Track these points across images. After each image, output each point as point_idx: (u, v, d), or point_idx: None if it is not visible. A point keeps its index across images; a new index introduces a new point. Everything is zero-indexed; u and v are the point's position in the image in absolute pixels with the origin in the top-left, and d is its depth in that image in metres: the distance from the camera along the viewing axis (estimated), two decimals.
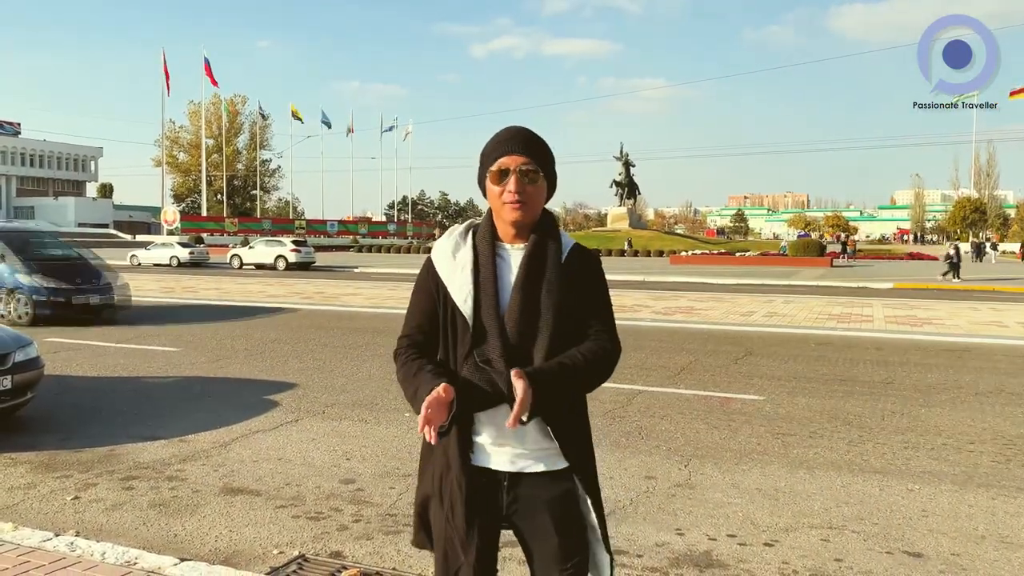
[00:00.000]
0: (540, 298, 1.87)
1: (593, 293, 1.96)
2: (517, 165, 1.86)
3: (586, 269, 1.96)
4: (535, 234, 1.92)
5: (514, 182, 1.85)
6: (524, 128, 1.92)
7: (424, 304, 1.97)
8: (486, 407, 1.86)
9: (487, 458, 1.91)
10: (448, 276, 1.91)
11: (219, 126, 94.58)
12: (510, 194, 1.86)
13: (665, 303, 17.90)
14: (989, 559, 3.86)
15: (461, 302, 1.87)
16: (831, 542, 4.05)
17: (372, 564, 3.72)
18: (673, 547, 3.97)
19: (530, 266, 1.88)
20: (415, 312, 1.99)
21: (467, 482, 1.87)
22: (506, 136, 1.90)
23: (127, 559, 3.58)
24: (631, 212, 71.46)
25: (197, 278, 27.26)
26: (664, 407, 7.14)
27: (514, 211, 1.87)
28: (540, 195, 1.91)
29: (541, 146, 1.91)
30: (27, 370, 6.14)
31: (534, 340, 1.85)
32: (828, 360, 9.89)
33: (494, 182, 1.88)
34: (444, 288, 1.91)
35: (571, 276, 1.93)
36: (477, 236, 1.95)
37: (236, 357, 9.91)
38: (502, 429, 1.86)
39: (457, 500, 1.88)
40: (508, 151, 1.87)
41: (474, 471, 1.89)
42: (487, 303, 1.86)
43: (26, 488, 4.83)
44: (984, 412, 7.05)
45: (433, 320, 1.95)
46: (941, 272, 27.90)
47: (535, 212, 1.91)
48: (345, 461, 5.44)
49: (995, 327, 13.57)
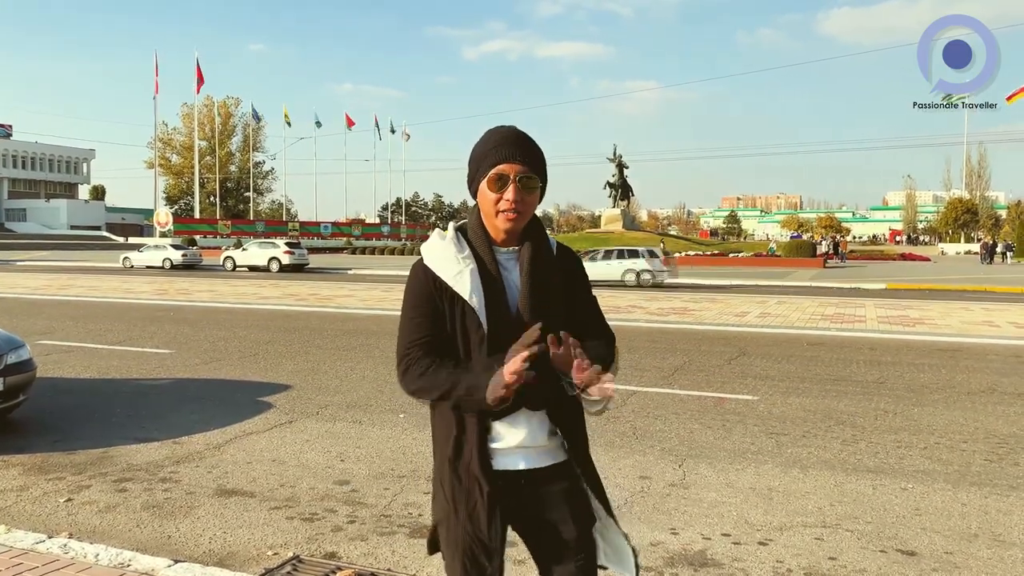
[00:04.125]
0: (549, 296, 1.89)
1: (584, 287, 2.03)
2: (517, 173, 1.82)
3: (574, 265, 2.02)
4: (529, 234, 1.92)
5: (513, 191, 1.82)
6: (519, 131, 1.89)
7: (426, 309, 1.87)
8: (512, 410, 1.86)
9: (503, 461, 1.91)
10: (452, 279, 1.85)
11: (212, 128, 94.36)
12: (507, 203, 1.82)
13: (659, 304, 17.93)
14: (982, 557, 3.87)
15: (476, 305, 1.83)
16: (825, 541, 4.06)
17: (367, 565, 3.71)
18: (668, 546, 3.98)
19: (535, 266, 1.89)
20: (419, 320, 1.87)
21: (491, 489, 1.86)
22: (503, 140, 1.85)
23: (121, 561, 3.56)
24: (625, 214, 71.58)
25: (190, 280, 27.18)
26: (658, 407, 7.15)
27: (509, 220, 1.85)
28: (535, 202, 1.90)
29: (538, 152, 1.88)
30: (19, 372, 6.12)
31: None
32: (821, 360, 9.92)
33: (491, 188, 1.84)
34: (450, 291, 1.85)
35: (565, 273, 1.97)
36: (471, 238, 1.92)
37: (230, 359, 9.88)
38: (517, 432, 1.88)
39: (481, 508, 1.85)
40: (507, 157, 1.83)
41: (496, 476, 1.88)
42: (500, 303, 1.85)
43: (19, 490, 4.81)
44: (976, 411, 7.08)
45: (440, 325, 1.87)
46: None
47: (528, 218, 1.90)
48: (339, 462, 5.43)
49: (987, 327, 13.63)
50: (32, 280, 26.61)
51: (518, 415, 1.88)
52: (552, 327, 1.83)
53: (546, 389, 1.85)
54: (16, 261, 42.38)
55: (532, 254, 1.90)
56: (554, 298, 1.90)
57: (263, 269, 35.03)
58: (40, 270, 34.42)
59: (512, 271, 1.91)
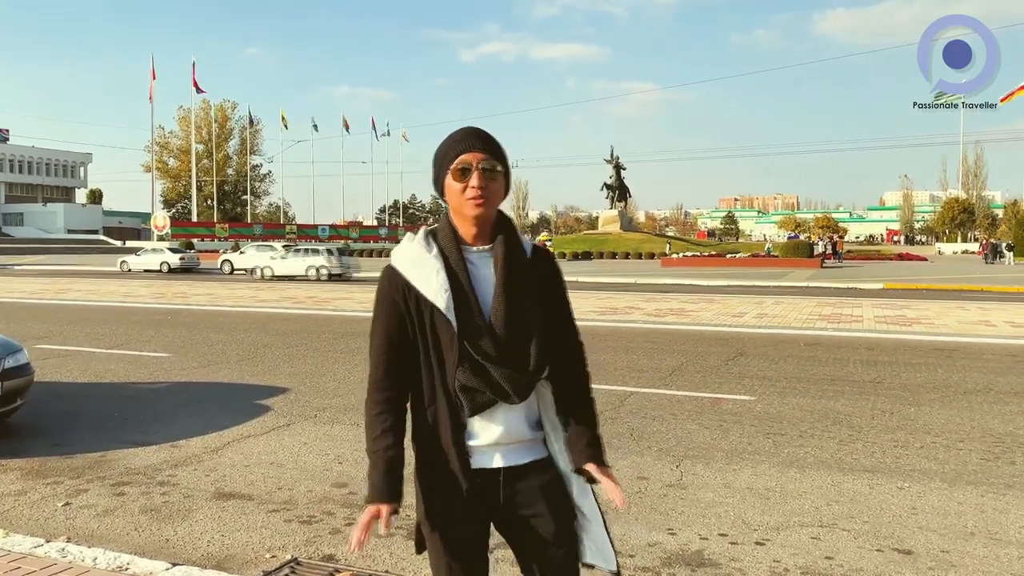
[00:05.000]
0: (523, 295, 1.90)
1: (559, 288, 2.05)
2: (478, 161, 1.87)
3: (549, 266, 2.03)
4: (501, 235, 1.94)
5: (477, 177, 1.86)
6: (477, 127, 1.95)
7: (389, 321, 1.92)
8: (486, 408, 1.88)
9: (482, 459, 1.93)
10: (421, 282, 1.87)
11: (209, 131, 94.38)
12: (473, 189, 1.86)
13: (656, 305, 17.95)
14: (978, 555, 3.89)
15: (443, 305, 1.85)
16: (822, 540, 4.08)
17: (365, 567, 3.72)
18: (665, 547, 3.99)
19: (509, 265, 1.90)
20: (378, 341, 1.94)
21: (470, 487, 1.89)
22: (461, 135, 1.92)
23: (119, 564, 3.57)
24: (622, 215, 71.69)
25: (188, 284, 27.17)
26: (656, 408, 7.16)
27: (477, 207, 1.88)
28: (500, 192, 1.93)
29: (496, 143, 1.94)
30: (17, 376, 6.12)
31: (524, 335, 1.88)
32: (818, 360, 9.94)
33: (456, 179, 1.88)
34: (417, 294, 1.87)
35: (539, 273, 1.99)
36: (440, 239, 1.94)
37: (227, 362, 9.89)
38: (493, 428, 1.90)
39: (460, 506, 1.90)
40: (467, 148, 1.88)
41: (474, 475, 1.91)
42: (472, 303, 1.87)
43: (17, 495, 4.81)
44: (973, 410, 7.10)
45: (402, 333, 1.91)
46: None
47: (495, 208, 1.93)
48: (337, 465, 5.44)
49: (983, 326, 13.66)
50: (29, 284, 26.59)
51: (495, 411, 1.90)
52: (526, 326, 1.88)
53: (521, 382, 1.87)
54: (13, 265, 42.35)
55: (506, 251, 1.92)
56: (528, 297, 1.91)
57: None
58: (37, 274, 34.38)
59: (482, 268, 1.91)
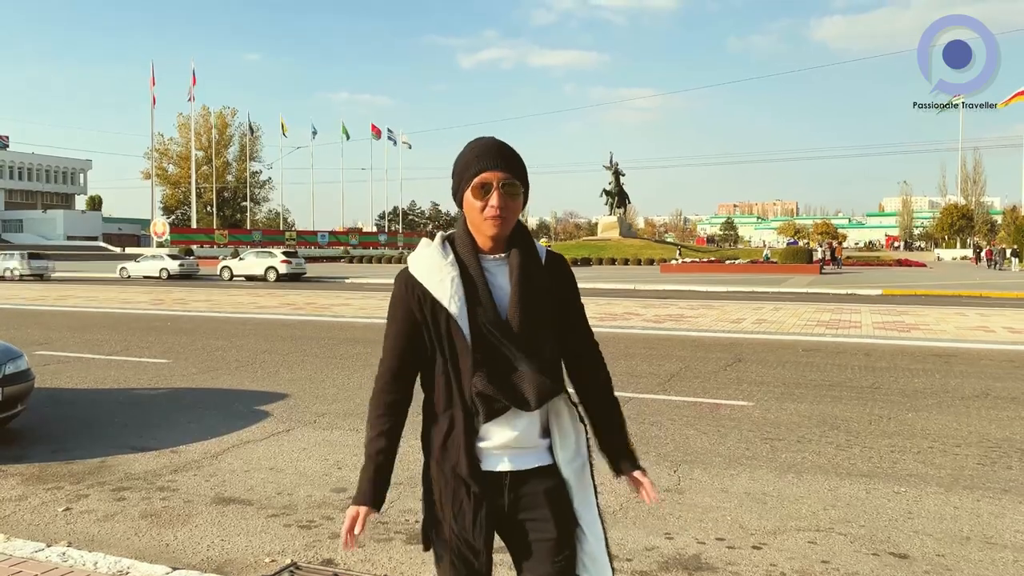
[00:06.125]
0: (539, 302, 1.93)
1: (573, 293, 2.08)
2: (499, 180, 1.88)
3: (564, 272, 2.06)
4: (516, 242, 1.97)
5: (497, 197, 1.88)
6: (500, 141, 1.95)
7: (403, 326, 1.94)
8: (501, 414, 1.90)
9: (490, 462, 1.95)
10: (436, 287, 1.90)
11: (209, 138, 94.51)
12: (492, 209, 1.88)
13: (655, 311, 17.97)
14: (974, 560, 3.91)
15: (456, 312, 1.88)
16: (818, 544, 4.10)
17: (364, 571, 3.75)
18: (662, 551, 4.01)
19: (524, 273, 1.93)
20: (391, 342, 1.97)
21: (479, 490, 1.91)
22: (484, 151, 1.92)
23: (119, 569, 3.59)
24: (621, 221, 71.83)
25: (187, 290, 27.19)
26: (654, 413, 7.19)
27: (495, 226, 1.90)
28: (519, 209, 1.95)
29: (518, 160, 1.95)
30: (17, 382, 6.14)
31: (540, 343, 1.92)
32: (817, 366, 9.96)
33: (476, 196, 1.90)
34: (432, 299, 1.90)
35: (554, 279, 2.01)
36: (457, 246, 1.96)
37: (227, 368, 9.91)
38: (506, 433, 1.93)
39: (468, 508, 1.91)
40: (489, 166, 1.89)
41: (483, 477, 1.93)
42: (489, 310, 1.89)
43: (17, 500, 4.83)
44: (970, 416, 7.12)
45: (416, 339, 1.94)
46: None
47: (512, 225, 1.95)
48: (336, 470, 5.46)
49: (981, 332, 13.69)
50: (29, 291, 26.62)
51: (509, 416, 1.92)
52: (542, 333, 1.91)
53: (538, 390, 1.89)
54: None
55: (521, 259, 1.94)
56: (544, 304, 1.94)
57: (260, 278, 35.03)
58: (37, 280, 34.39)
59: (499, 276, 1.94)
